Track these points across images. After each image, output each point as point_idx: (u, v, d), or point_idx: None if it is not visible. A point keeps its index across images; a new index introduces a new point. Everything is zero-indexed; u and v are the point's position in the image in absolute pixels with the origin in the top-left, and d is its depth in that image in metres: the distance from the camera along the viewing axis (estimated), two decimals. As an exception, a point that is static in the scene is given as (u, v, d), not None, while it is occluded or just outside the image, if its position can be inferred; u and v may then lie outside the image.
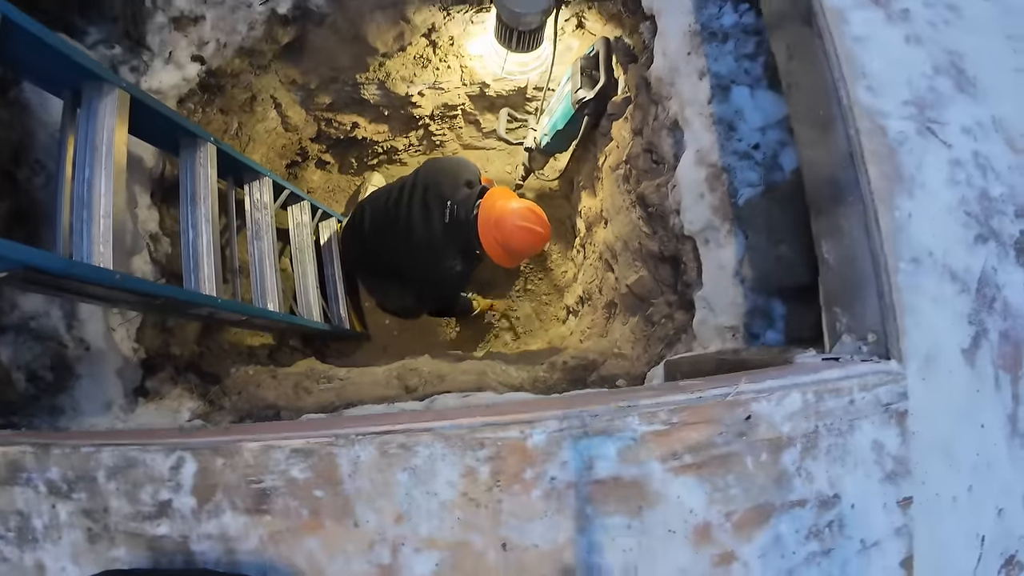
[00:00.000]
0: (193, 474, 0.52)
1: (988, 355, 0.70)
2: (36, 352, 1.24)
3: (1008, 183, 0.77)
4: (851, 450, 0.59)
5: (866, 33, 0.72)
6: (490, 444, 0.54)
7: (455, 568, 0.53)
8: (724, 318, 1.12)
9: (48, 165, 1.27)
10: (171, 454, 0.52)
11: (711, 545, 0.55)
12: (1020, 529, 0.75)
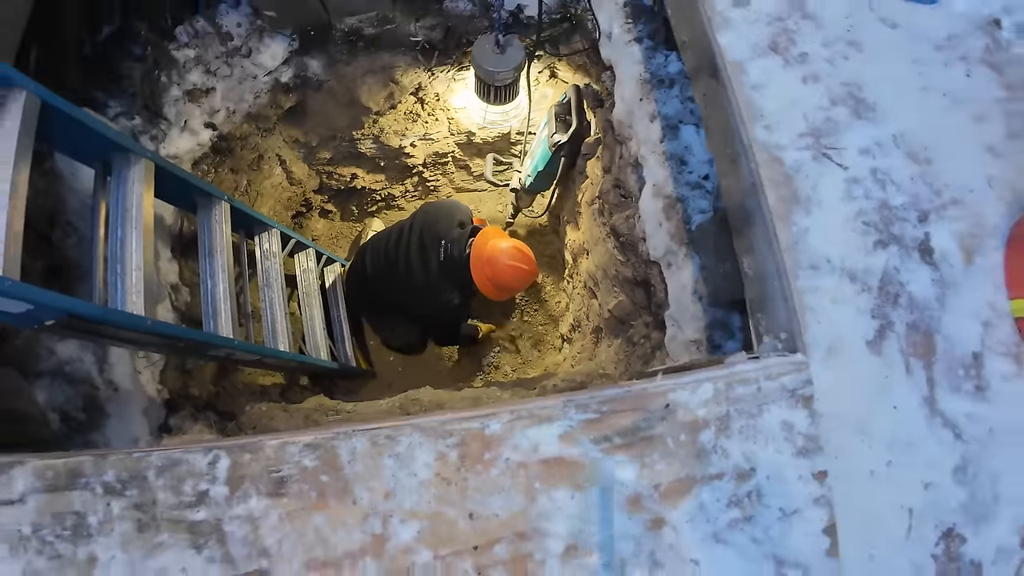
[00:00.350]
0: (226, 468, 0.66)
1: (896, 344, 0.82)
2: (70, 394, 1.39)
3: (911, 192, 0.91)
4: (762, 429, 0.70)
5: (763, 80, 0.87)
6: (456, 433, 0.67)
7: (432, 534, 0.65)
8: (689, 333, 1.24)
9: (79, 227, 1.46)
10: (208, 453, 0.66)
11: (643, 511, 0.66)
12: (953, 503, 0.84)
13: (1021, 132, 1.10)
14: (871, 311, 0.80)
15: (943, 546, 0.83)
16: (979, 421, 0.86)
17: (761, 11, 0.93)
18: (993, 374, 0.89)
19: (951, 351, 0.85)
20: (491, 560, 0.65)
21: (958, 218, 0.92)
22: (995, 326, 0.91)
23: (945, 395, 0.83)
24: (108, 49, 1.61)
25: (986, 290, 0.92)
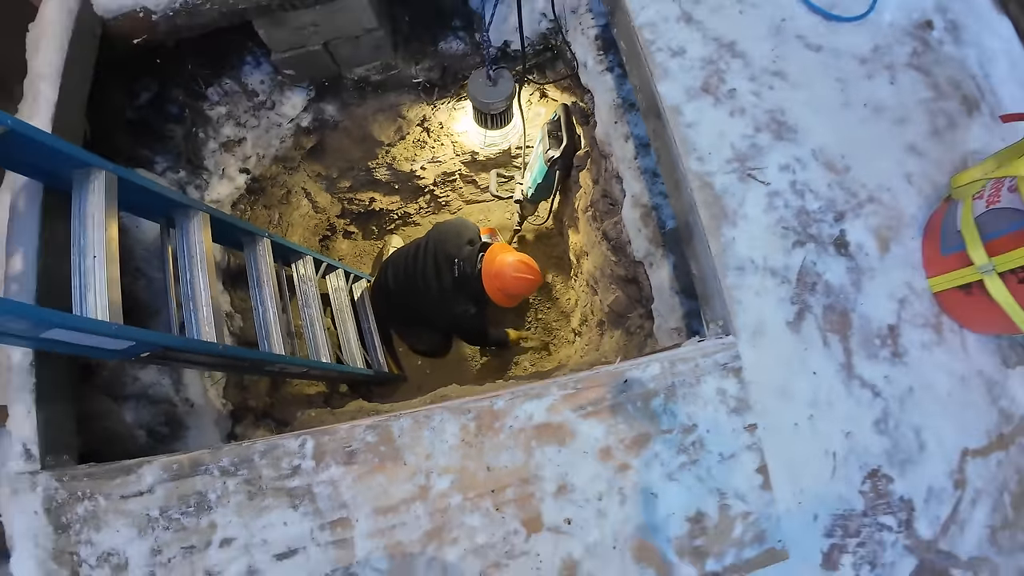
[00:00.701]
0: (312, 447, 0.94)
1: (813, 324, 1.05)
2: (153, 412, 1.70)
3: (827, 197, 1.14)
4: (700, 395, 0.95)
5: (696, 119, 1.10)
6: (473, 410, 0.93)
7: (461, 483, 0.91)
8: (671, 322, 1.49)
9: (146, 272, 1.77)
10: (298, 438, 0.94)
11: (612, 460, 0.92)
12: (876, 449, 1.07)
13: (945, 128, 1.30)
14: (790, 299, 1.03)
15: (870, 484, 1.06)
16: (897, 382, 1.08)
17: (695, 57, 1.16)
18: (912, 342, 1.11)
19: (867, 326, 1.08)
20: (504, 499, 0.91)
21: (874, 214, 1.14)
22: (912, 302, 1.13)
23: (862, 362, 1.06)
24: (148, 112, 1.92)
25: (904, 272, 1.14)
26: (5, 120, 1.09)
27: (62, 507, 1.11)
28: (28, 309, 1.06)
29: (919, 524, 1.08)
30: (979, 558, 1.14)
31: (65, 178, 1.30)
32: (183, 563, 1.02)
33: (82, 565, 1.08)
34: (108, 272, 1.25)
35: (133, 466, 1.08)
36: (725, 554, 0.94)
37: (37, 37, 1.47)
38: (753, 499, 0.95)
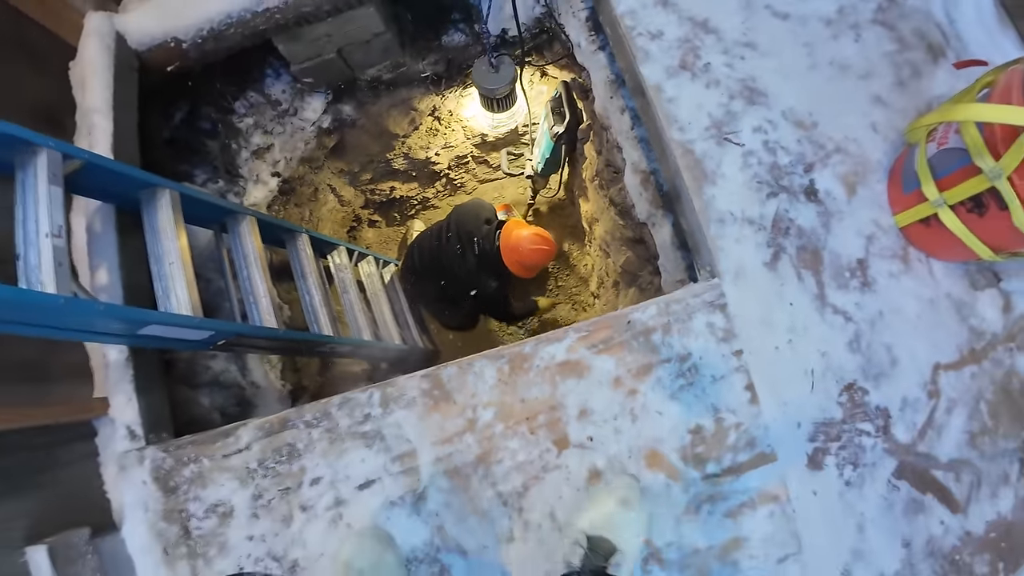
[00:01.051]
0: (379, 398, 1.20)
1: (788, 263, 1.26)
2: (225, 396, 2.00)
3: (796, 152, 1.33)
4: (692, 329, 1.17)
5: (676, 94, 1.30)
6: (506, 355, 1.17)
7: (502, 414, 1.16)
8: (675, 274, 1.70)
9: (203, 275, 2.05)
10: (367, 391, 1.20)
11: (623, 387, 1.15)
12: (850, 366, 1.27)
13: (910, 78, 1.47)
14: (767, 243, 1.24)
15: (846, 396, 1.27)
16: (867, 307, 1.28)
17: (672, 38, 1.35)
18: (880, 272, 1.31)
19: (837, 261, 1.28)
20: (537, 424, 1.16)
21: (841, 163, 1.34)
22: (879, 237, 1.32)
23: (833, 292, 1.27)
24: (183, 130, 2.17)
25: (871, 212, 1.33)
26: (82, 154, 1.34)
27: (169, 473, 1.39)
28: (130, 311, 1.33)
29: (896, 429, 1.28)
30: (960, 460, 1.33)
31: (132, 199, 1.56)
32: (281, 503, 1.29)
33: (191, 519, 1.37)
34: (185, 274, 1.51)
35: (231, 430, 1.35)
36: (723, 458, 1.17)
37: (82, 75, 1.71)
38: (743, 412, 1.18)
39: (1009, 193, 1.06)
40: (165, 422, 1.55)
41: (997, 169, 1.07)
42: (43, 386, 1.40)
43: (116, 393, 1.48)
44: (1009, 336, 1.36)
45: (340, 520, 1.25)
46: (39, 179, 1.23)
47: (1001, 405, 1.33)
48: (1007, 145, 1.06)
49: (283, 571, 1.29)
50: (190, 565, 1.34)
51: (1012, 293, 1.36)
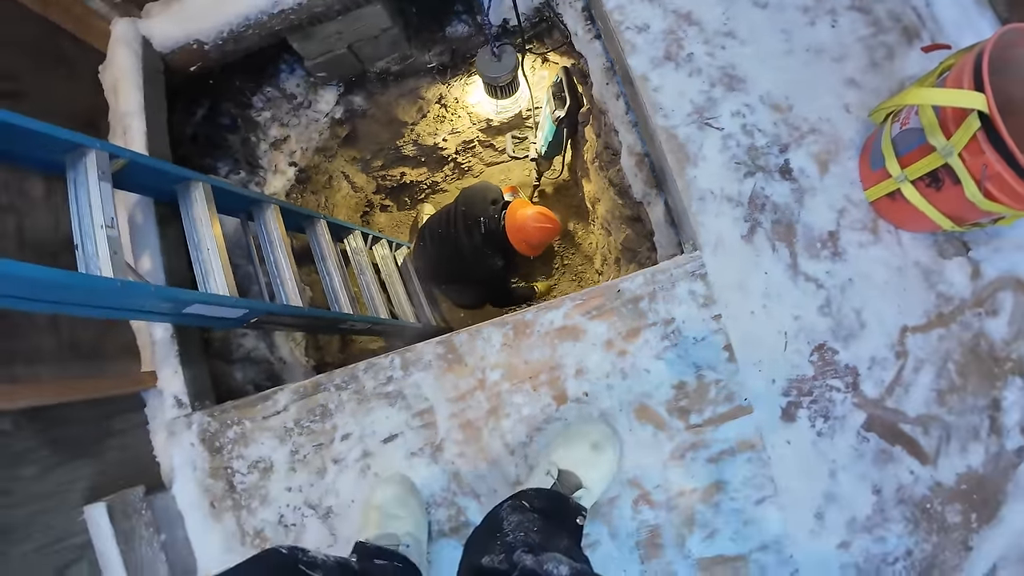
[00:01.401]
0: (399, 361, 1.40)
1: (764, 235, 1.42)
2: (256, 371, 2.20)
3: (772, 134, 1.47)
4: (676, 296, 1.34)
5: (660, 83, 1.45)
6: (510, 322, 1.36)
7: (508, 374, 1.34)
8: (670, 249, 1.86)
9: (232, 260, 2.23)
10: (388, 356, 1.39)
11: (614, 348, 1.33)
12: (821, 328, 1.43)
13: (882, 60, 1.59)
14: (744, 218, 1.40)
15: (817, 355, 1.43)
16: (837, 275, 1.43)
17: (657, 30, 1.50)
18: (850, 243, 1.46)
19: (809, 233, 1.43)
20: (539, 382, 1.35)
21: (814, 143, 1.48)
22: (850, 211, 1.47)
23: (806, 261, 1.42)
24: (205, 126, 2.34)
25: (842, 188, 1.47)
26: (125, 153, 1.52)
27: (215, 435, 1.59)
28: (178, 292, 1.52)
29: (865, 386, 1.43)
30: (928, 415, 1.47)
31: (169, 192, 1.74)
32: (315, 456, 1.50)
33: (235, 475, 1.57)
34: (220, 259, 1.70)
35: (270, 394, 1.55)
36: (704, 410, 1.35)
37: (114, 79, 1.89)
38: (722, 369, 1.35)
39: (960, 168, 1.20)
40: (208, 391, 1.75)
41: (949, 147, 1.20)
42: (97, 363, 1.60)
43: (163, 367, 1.68)
44: (977, 301, 1.48)
45: (368, 470, 1.45)
46: (90, 177, 1.41)
47: (969, 365, 1.46)
48: (957, 125, 1.19)
49: (319, 517, 1.50)
50: (235, 516, 1.55)
51: (981, 261, 1.49)
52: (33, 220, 1.50)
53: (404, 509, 1.32)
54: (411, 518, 1.32)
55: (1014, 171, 1.11)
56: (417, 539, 1.30)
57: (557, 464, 1.24)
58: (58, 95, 1.74)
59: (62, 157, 1.42)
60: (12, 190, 1.46)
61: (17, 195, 1.49)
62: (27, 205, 1.50)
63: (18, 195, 1.49)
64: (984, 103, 1.10)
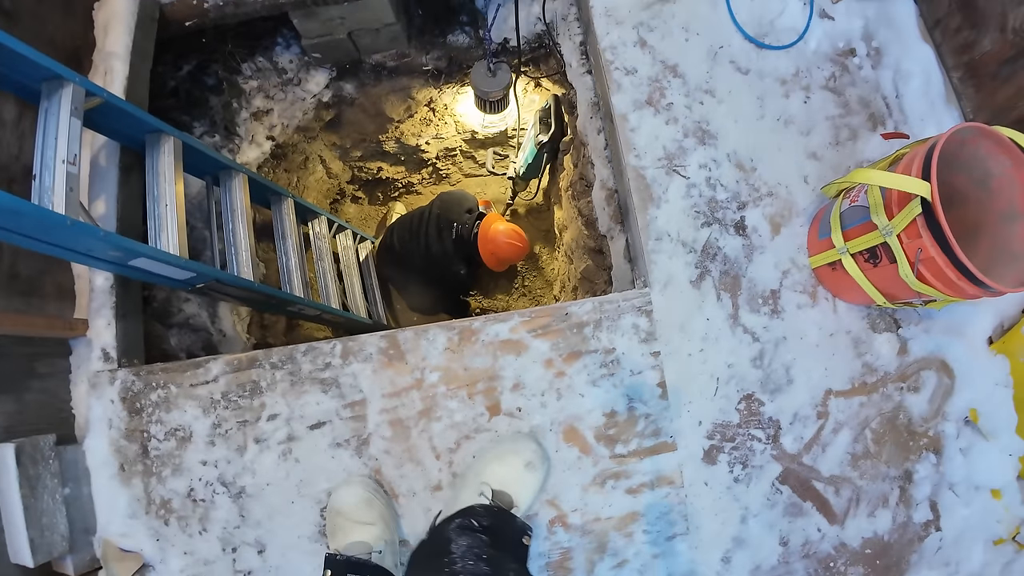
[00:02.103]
0: (340, 350, 1.40)
1: (711, 283, 1.50)
2: (193, 339, 2.16)
3: (733, 190, 1.57)
4: (620, 327, 1.40)
5: (638, 125, 1.53)
6: (457, 327, 1.38)
7: (446, 378, 1.36)
8: (623, 284, 1.93)
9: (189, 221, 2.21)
10: (331, 343, 1.40)
11: (553, 368, 1.37)
12: (751, 378, 1.51)
13: (845, 140, 1.72)
14: (695, 264, 1.48)
15: (744, 404, 1.51)
16: (773, 330, 1.52)
17: (644, 76, 1.59)
18: (790, 303, 1.55)
19: (753, 288, 1.52)
20: (476, 391, 1.37)
21: (770, 205, 1.58)
22: (793, 273, 1.57)
23: (746, 314, 1.51)
24: (188, 83, 2.32)
25: (789, 251, 1.57)
26: (102, 93, 1.51)
27: (137, 395, 1.55)
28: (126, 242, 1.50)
29: (785, 440, 1.52)
30: (841, 476, 1.56)
31: (138, 140, 1.73)
32: (238, 433, 1.48)
33: (151, 440, 1.53)
34: (177, 217, 1.69)
35: (202, 362, 1.53)
36: (630, 441, 1.40)
37: (106, 18, 1.88)
38: (653, 404, 1.41)
39: (897, 248, 1.30)
40: (138, 350, 1.71)
41: (889, 227, 1.30)
42: (33, 300, 1.55)
43: (97, 317, 1.64)
44: (901, 376, 1.59)
45: (290, 455, 1.44)
46: (62, 110, 1.39)
47: (886, 435, 1.56)
48: (900, 207, 1.29)
49: (231, 496, 1.48)
50: (144, 482, 1.51)
51: (909, 339, 1.60)
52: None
53: (371, 512, 1.31)
54: (380, 522, 1.30)
55: (947, 257, 1.21)
56: (390, 542, 1.29)
57: (490, 484, 1.26)
58: (50, 23, 1.71)
59: (39, 85, 1.41)
60: (-18, 109, 1.44)
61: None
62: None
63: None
64: (927, 191, 1.19)
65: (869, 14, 1.87)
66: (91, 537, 1.56)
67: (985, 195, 1.42)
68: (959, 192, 1.46)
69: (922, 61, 1.85)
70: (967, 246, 1.45)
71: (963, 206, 1.47)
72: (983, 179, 1.42)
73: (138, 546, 1.53)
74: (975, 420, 1.63)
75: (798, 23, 1.78)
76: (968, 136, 1.33)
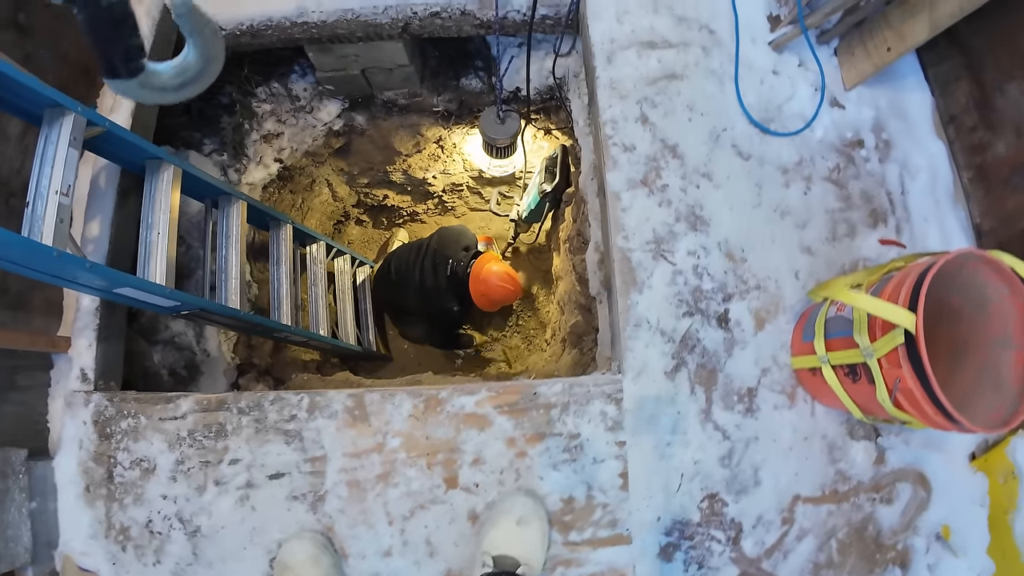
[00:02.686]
0: (307, 403, 1.40)
1: (686, 375, 1.48)
2: (177, 357, 2.18)
3: (720, 281, 1.55)
4: (588, 412, 1.38)
5: (630, 205, 1.52)
6: (424, 395, 1.38)
7: (407, 444, 1.36)
8: (606, 351, 1.92)
9: (187, 240, 2.24)
10: (299, 395, 1.41)
11: (515, 447, 1.36)
12: (717, 477, 1.48)
13: (843, 236, 1.69)
14: (672, 354, 1.46)
15: (707, 503, 1.48)
16: (746, 430, 1.49)
17: (642, 154, 1.58)
18: (766, 402, 1.52)
19: (730, 384, 1.50)
20: (435, 461, 1.36)
21: (757, 299, 1.56)
22: (773, 372, 1.54)
23: (719, 410, 1.48)
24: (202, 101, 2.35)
25: (772, 348, 1.55)
26: (104, 122, 1.53)
27: (108, 421, 1.57)
28: (112, 273, 1.51)
29: (746, 543, 1.47)
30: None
31: (139, 165, 1.76)
32: (199, 472, 1.49)
33: (117, 466, 1.55)
34: (168, 246, 1.71)
35: (173, 397, 1.54)
36: (585, 530, 1.38)
37: (126, 36, 1.92)
38: (612, 495, 1.39)
39: (876, 372, 1.26)
40: (117, 374, 1.73)
41: (870, 350, 1.26)
42: (20, 314, 1.58)
43: (80, 336, 1.67)
44: (875, 486, 1.55)
45: (247, 501, 1.45)
46: (61, 139, 1.42)
47: (852, 546, 1.52)
48: (884, 332, 1.24)
49: (186, 533, 1.48)
50: (106, 506, 1.52)
51: (887, 449, 1.56)
52: (1, 156, 1.51)
53: (317, 570, 1.32)
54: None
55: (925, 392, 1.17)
56: None
57: (489, 552, 1.26)
58: (66, 38, 1.75)
59: (41, 111, 1.44)
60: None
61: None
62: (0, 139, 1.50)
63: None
64: (912, 324, 1.15)
65: (882, 104, 1.84)
66: (53, 551, 1.58)
67: (980, 317, 1.39)
68: (953, 309, 1.42)
69: (932, 157, 1.82)
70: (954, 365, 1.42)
71: (955, 324, 1.44)
72: (979, 302, 1.38)
73: (96, 566, 1.55)
74: (947, 536, 1.59)
75: (807, 110, 1.76)
76: (967, 260, 1.29)
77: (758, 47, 1.76)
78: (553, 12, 1.83)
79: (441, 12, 1.81)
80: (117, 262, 1.73)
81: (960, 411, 1.16)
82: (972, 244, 1.77)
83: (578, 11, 1.80)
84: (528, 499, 1.33)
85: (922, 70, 1.89)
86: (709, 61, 1.69)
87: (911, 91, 1.85)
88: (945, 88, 1.85)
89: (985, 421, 1.20)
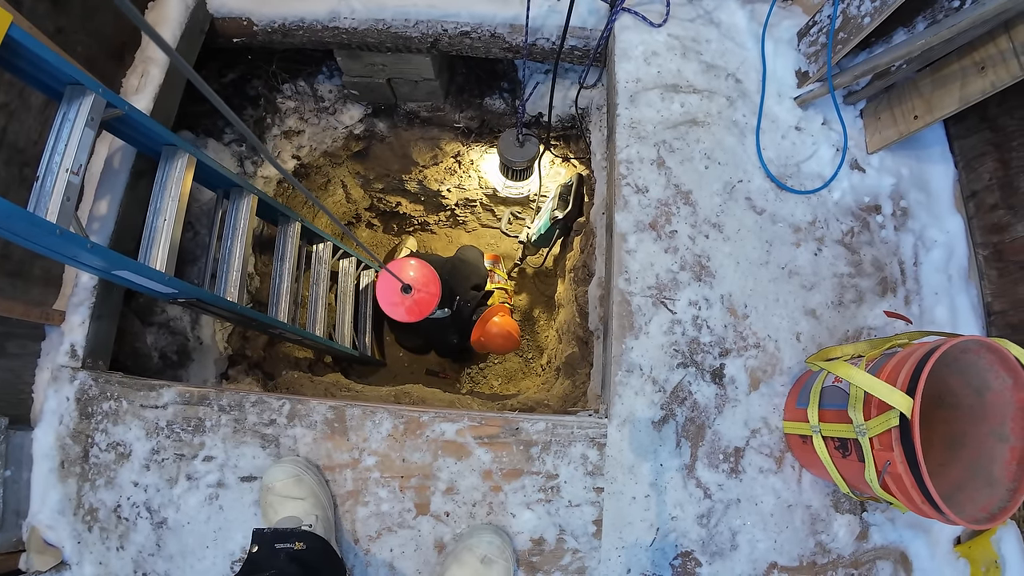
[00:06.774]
0: (288, 409, 1.38)
1: (673, 428, 1.45)
2: (169, 341, 2.17)
3: (719, 335, 1.52)
4: (568, 454, 1.36)
5: (635, 247, 1.51)
6: (406, 416, 1.36)
7: (382, 464, 1.33)
8: (598, 389, 1.90)
9: (195, 226, 2.24)
10: (281, 400, 1.38)
11: (490, 480, 1.33)
12: (693, 536, 1.44)
13: (851, 302, 1.66)
14: (661, 405, 1.43)
15: (680, 561, 1.43)
16: (728, 491, 1.45)
17: (654, 197, 1.57)
18: (752, 465, 1.49)
19: (717, 442, 1.46)
20: (408, 485, 1.34)
21: (755, 357, 1.53)
22: (763, 434, 1.50)
23: (703, 468, 1.45)
24: (229, 91, 2.38)
25: (764, 410, 1.51)
26: (123, 105, 1.53)
27: (91, 400, 1.56)
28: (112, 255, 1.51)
29: (716, 605, 1.45)
30: None
31: (155, 149, 1.76)
32: (172, 464, 1.47)
33: (93, 447, 1.54)
34: (172, 234, 1.71)
35: (157, 385, 1.53)
36: (552, 573, 1.35)
37: (155, 21, 1.92)
38: (584, 541, 1.36)
39: (867, 451, 1.22)
40: (106, 354, 1.73)
41: (863, 428, 1.22)
42: (19, 282, 1.59)
43: (74, 312, 1.66)
44: (855, 563, 1.50)
45: (216, 500, 1.43)
46: (78, 119, 1.42)
47: (825, 619, 1.49)
48: (879, 411, 1.20)
49: (153, 524, 1.47)
50: (78, 485, 1.52)
51: (872, 526, 1.51)
52: (21, 124, 1.52)
53: (301, 488, 1.31)
54: (311, 497, 1.31)
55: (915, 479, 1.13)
56: (322, 517, 1.29)
57: None
58: (99, 15, 1.77)
59: (62, 88, 1.44)
60: (14, 91, 1.48)
61: (17, 96, 1.51)
62: (22, 108, 1.52)
63: (17, 96, 1.51)
64: (908, 408, 1.12)
65: (903, 172, 1.81)
66: (21, 521, 1.58)
67: (979, 405, 1.35)
68: (952, 393, 1.39)
69: (949, 231, 1.78)
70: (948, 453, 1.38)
71: (954, 409, 1.40)
72: (980, 388, 1.34)
73: (60, 542, 1.54)
74: (923, 623, 1.53)
75: (826, 170, 1.74)
76: (970, 346, 1.26)
77: (783, 102, 1.74)
78: (582, 44, 1.82)
79: (471, 32, 1.82)
80: (120, 243, 1.73)
81: (948, 502, 1.12)
82: (981, 323, 1.73)
83: (607, 46, 1.79)
84: (496, 537, 1.30)
85: (948, 141, 1.85)
86: (732, 111, 1.68)
87: (935, 162, 1.81)
88: (970, 163, 1.82)
89: (973, 515, 1.16)
